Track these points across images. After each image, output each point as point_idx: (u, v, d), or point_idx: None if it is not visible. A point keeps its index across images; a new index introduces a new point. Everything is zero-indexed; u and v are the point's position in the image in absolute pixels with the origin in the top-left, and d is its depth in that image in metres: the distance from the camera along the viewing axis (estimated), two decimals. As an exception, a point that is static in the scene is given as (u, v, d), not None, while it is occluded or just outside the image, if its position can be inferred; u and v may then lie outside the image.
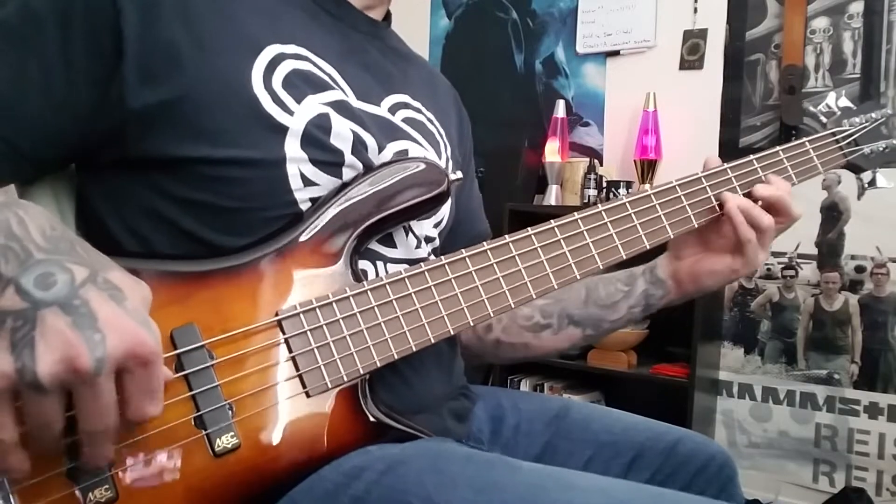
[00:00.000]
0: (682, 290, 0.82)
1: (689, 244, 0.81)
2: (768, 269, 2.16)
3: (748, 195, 0.78)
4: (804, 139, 0.84)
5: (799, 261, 2.13)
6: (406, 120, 0.75)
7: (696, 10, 2.26)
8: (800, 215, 0.79)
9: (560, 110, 2.41)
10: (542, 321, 0.85)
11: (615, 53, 2.40)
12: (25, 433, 0.43)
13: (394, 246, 0.70)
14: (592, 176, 2.27)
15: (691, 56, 2.26)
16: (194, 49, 0.60)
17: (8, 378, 0.40)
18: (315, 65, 0.67)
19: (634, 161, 2.24)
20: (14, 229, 0.45)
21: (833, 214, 2.08)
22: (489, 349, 0.88)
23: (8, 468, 0.44)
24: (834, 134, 0.87)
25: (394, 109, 0.75)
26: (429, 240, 0.76)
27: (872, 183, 0.90)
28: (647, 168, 2.21)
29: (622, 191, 2.20)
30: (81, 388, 0.42)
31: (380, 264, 0.68)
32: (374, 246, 0.68)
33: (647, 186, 2.19)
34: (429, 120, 0.80)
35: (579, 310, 0.84)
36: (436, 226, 0.77)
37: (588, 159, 2.34)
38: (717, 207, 0.78)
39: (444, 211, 0.79)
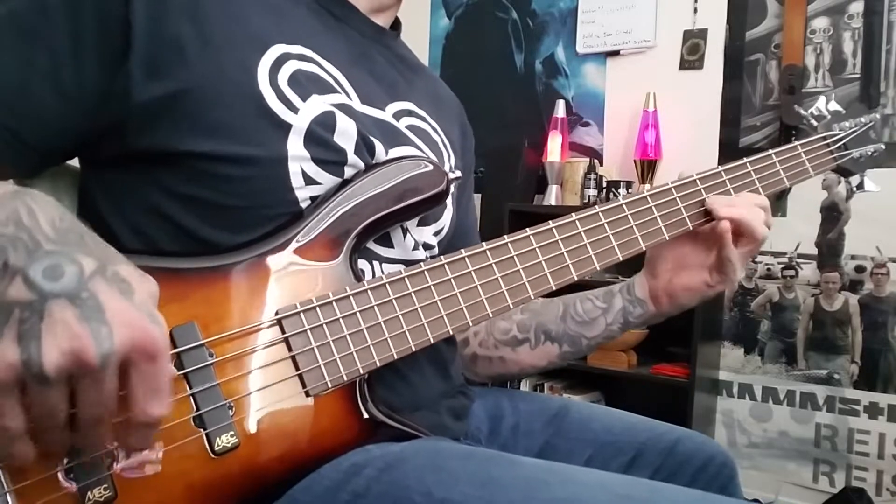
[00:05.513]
0: (660, 308, 0.82)
1: (663, 260, 0.81)
2: (768, 269, 2.17)
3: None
4: (796, 143, 0.86)
5: (799, 261, 2.13)
6: (410, 127, 0.75)
7: (696, 10, 2.26)
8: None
9: (560, 110, 2.41)
10: (519, 335, 0.84)
11: (615, 53, 2.40)
12: (31, 424, 0.43)
13: (391, 246, 0.70)
14: (592, 176, 2.27)
15: (691, 56, 2.26)
16: (201, 44, 0.60)
17: (14, 369, 0.40)
18: (320, 66, 0.67)
19: (634, 161, 2.24)
20: (23, 219, 0.45)
21: (833, 214, 2.08)
22: (466, 364, 0.88)
23: (13, 454, 0.44)
24: (825, 138, 0.88)
25: (398, 116, 0.74)
26: (427, 247, 0.75)
27: (860, 186, 0.92)
28: (647, 168, 2.21)
29: (622, 191, 2.20)
30: (85, 379, 0.42)
31: (376, 264, 0.68)
32: (371, 245, 0.68)
33: (646, 186, 2.19)
34: (433, 129, 0.79)
35: (556, 325, 0.84)
36: (436, 234, 0.77)
37: (588, 159, 2.34)
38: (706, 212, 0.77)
39: (445, 219, 0.78)
